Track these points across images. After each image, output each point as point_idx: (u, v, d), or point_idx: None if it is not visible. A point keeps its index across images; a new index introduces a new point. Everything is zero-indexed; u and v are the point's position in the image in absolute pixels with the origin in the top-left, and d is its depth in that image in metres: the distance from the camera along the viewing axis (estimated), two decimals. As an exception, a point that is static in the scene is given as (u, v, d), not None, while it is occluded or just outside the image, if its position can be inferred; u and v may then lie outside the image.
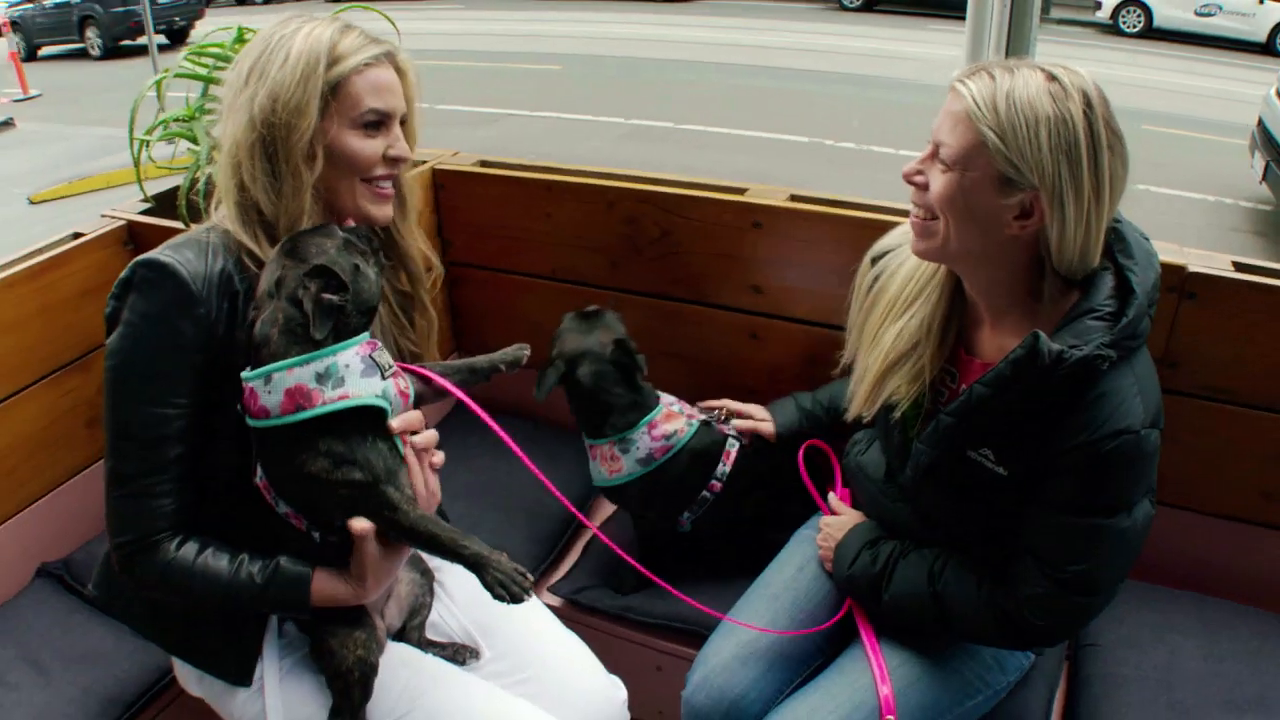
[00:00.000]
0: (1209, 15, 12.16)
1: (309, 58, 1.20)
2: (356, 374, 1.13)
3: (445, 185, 2.15)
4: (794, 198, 1.87)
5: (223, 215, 1.25)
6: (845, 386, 1.63)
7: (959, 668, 1.45)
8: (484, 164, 2.16)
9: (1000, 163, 1.15)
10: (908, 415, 1.39)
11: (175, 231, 2.11)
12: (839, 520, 1.59)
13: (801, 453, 1.72)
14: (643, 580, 1.80)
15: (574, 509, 1.40)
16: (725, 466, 1.73)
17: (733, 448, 1.75)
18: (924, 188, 1.24)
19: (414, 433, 1.19)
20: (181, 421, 1.17)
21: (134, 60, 13.24)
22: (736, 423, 1.80)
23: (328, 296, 1.12)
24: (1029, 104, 1.14)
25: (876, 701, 1.38)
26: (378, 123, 1.25)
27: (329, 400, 1.11)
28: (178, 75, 1.99)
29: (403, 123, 1.29)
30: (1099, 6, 13.48)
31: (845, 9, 15.59)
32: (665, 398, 1.75)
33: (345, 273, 1.14)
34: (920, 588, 1.40)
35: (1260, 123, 5.67)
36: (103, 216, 2.08)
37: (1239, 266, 1.65)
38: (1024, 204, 1.17)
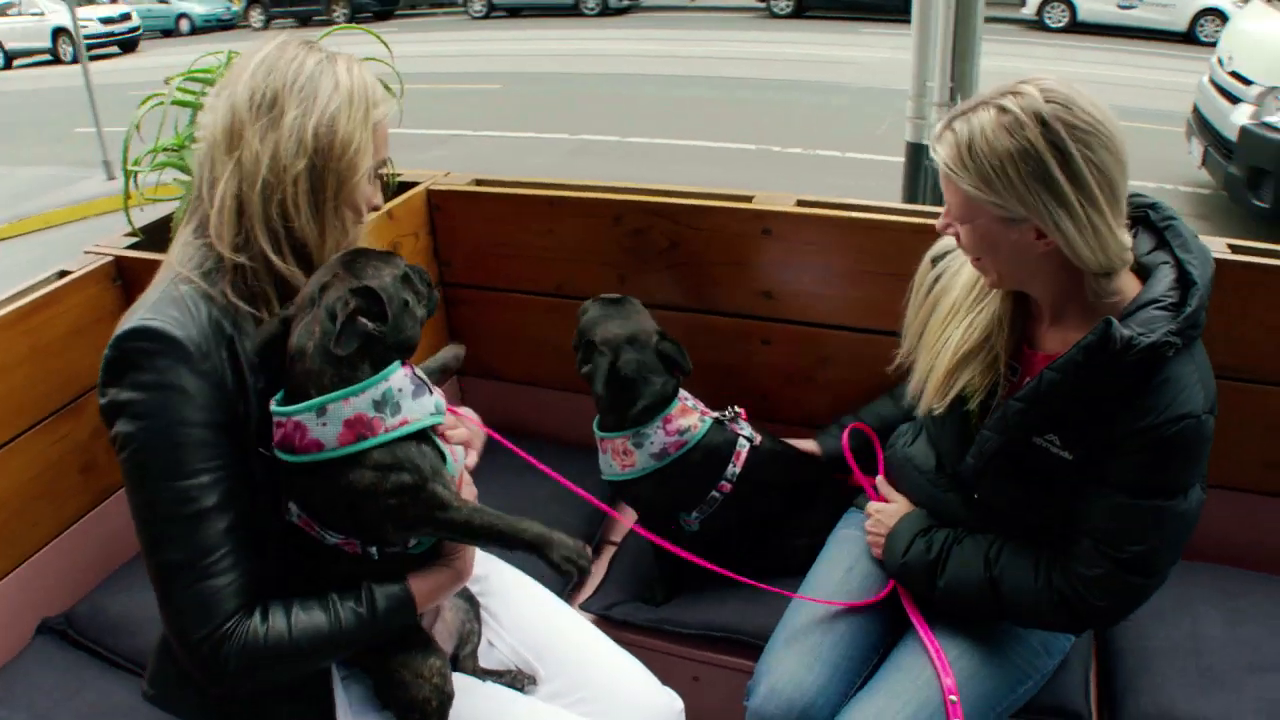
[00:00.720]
0: (1131, 7, 12.63)
1: (363, 95, 1.18)
2: (409, 396, 1.12)
3: (441, 206, 2.13)
4: (801, 203, 1.89)
5: (183, 251, 1.18)
6: (888, 402, 1.65)
7: (1011, 656, 1.47)
8: (479, 183, 2.14)
9: (990, 208, 1.23)
10: (972, 406, 1.42)
11: (167, 263, 2.07)
12: (890, 508, 1.61)
13: (846, 435, 1.73)
14: (673, 590, 1.80)
15: (607, 508, 1.45)
16: (735, 467, 1.73)
17: (743, 448, 1.75)
18: (957, 237, 1.33)
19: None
20: (220, 488, 1.09)
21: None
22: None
23: (363, 321, 1.09)
24: (989, 149, 1.20)
25: (941, 697, 1.39)
26: (380, 172, 1.25)
27: (390, 428, 1.09)
28: (175, 103, 1.93)
29: None
30: (1024, 3, 13.91)
31: (776, 16, 15.84)
32: (681, 393, 1.75)
33: (391, 303, 1.11)
34: (977, 574, 1.42)
35: (1196, 109, 5.89)
36: (86, 253, 2.01)
37: (1234, 248, 1.72)
38: (1035, 228, 1.24)
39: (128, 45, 16.97)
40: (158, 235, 2.08)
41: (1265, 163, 4.93)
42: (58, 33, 15.79)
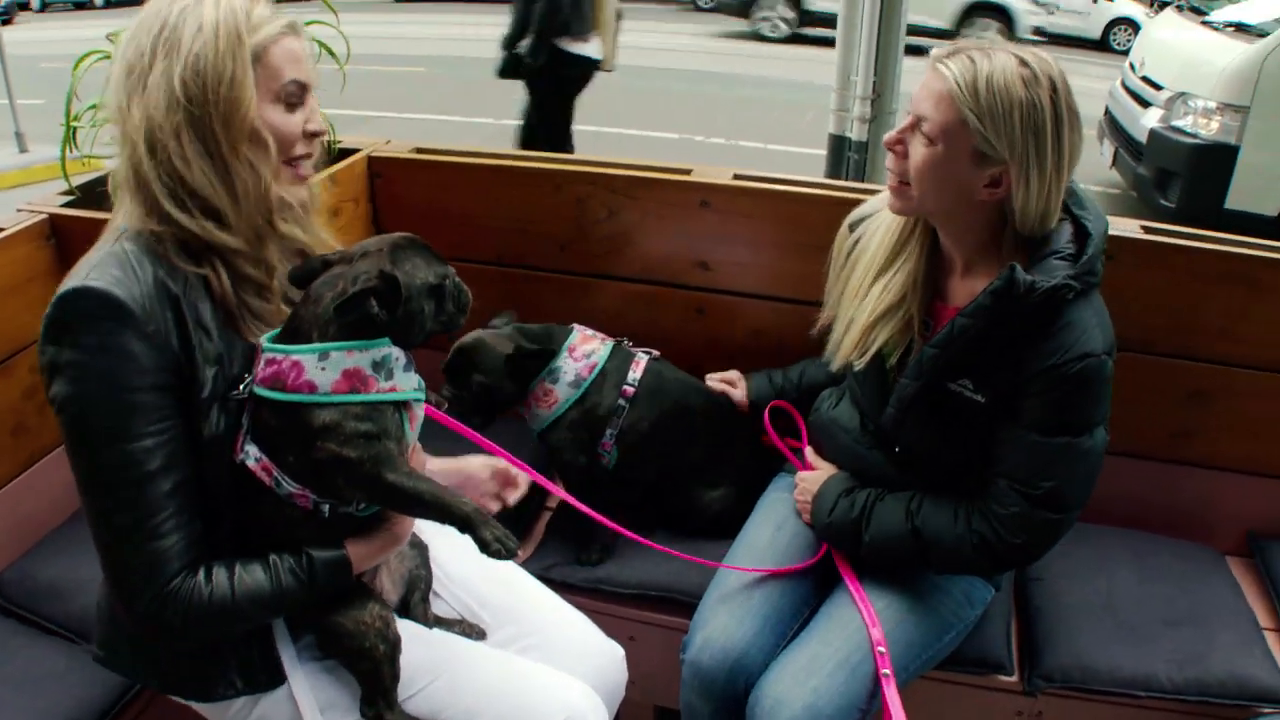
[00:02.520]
0: (1049, 15, 13.06)
1: (229, 26, 1.11)
2: (400, 367, 1.15)
3: (382, 174, 2.11)
4: (738, 176, 1.94)
5: (124, 215, 1.15)
6: (814, 363, 1.71)
7: (935, 606, 1.55)
8: (420, 151, 2.13)
9: (978, 140, 1.30)
10: (892, 362, 1.50)
11: (101, 224, 1.97)
12: (814, 475, 1.67)
13: (767, 414, 1.80)
14: (608, 551, 1.83)
15: (537, 475, 1.50)
16: (635, 373, 1.80)
17: (642, 358, 1.82)
18: (904, 155, 1.37)
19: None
20: (165, 450, 1.08)
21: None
22: (711, 379, 1.90)
23: (373, 302, 1.11)
24: (1005, 89, 1.28)
25: (870, 645, 1.45)
26: (298, 96, 1.18)
27: (382, 390, 1.12)
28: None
29: None
30: (944, 10, 14.25)
31: (700, 9, 15.92)
32: (575, 326, 1.82)
33: (405, 303, 1.13)
34: (899, 526, 1.49)
35: (1107, 112, 6.16)
36: (19, 211, 1.94)
37: (1146, 229, 1.83)
38: (995, 175, 1.32)
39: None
40: (93, 194, 2.01)
41: (1172, 164, 5.17)
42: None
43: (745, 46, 12.62)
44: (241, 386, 1.14)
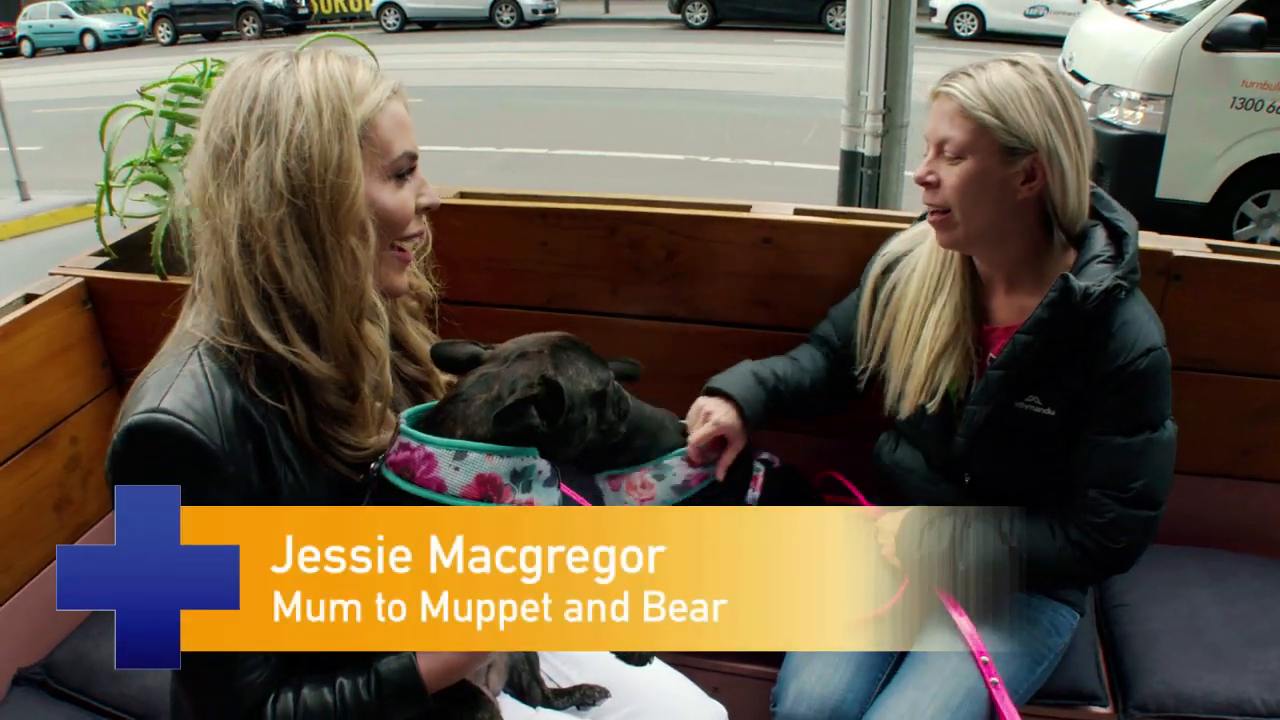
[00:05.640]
0: (1037, 16, 13.19)
1: (332, 98, 0.98)
2: (543, 481, 1.08)
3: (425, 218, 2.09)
4: (799, 211, 1.91)
5: (201, 321, 1.03)
6: (793, 363, 1.70)
7: (1026, 639, 1.53)
8: (464, 195, 2.10)
9: (1002, 137, 1.35)
10: (950, 391, 1.50)
11: (141, 287, 1.96)
12: (886, 519, 1.63)
13: (818, 481, 1.78)
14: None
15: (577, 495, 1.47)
16: (755, 492, 1.70)
17: (759, 472, 1.73)
18: (936, 186, 1.40)
19: None
20: None
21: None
22: (699, 433, 1.61)
23: (534, 411, 1.05)
24: (1007, 84, 1.35)
25: (971, 683, 1.43)
26: (410, 169, 1.08)
27: (517, 502, 1.05)
28: (143, 113, 1.84)
29: None
30: (934, 13, 14.35)
31: (691, 28, 16.02)
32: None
33: (567, 411, 1.07)
34: (996, 548, 1.47)
35: None
36: (52, 275, 1.91)
37: (1214, 248, 1.81)
38: (1027, 168, 1.37)
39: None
40: (131, 254, 1.99)
41: (1101, 157, 5.21)
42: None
43: (743, 63, 12.67)
44: (374, 465, 1.09)
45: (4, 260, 1.84)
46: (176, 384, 0.98)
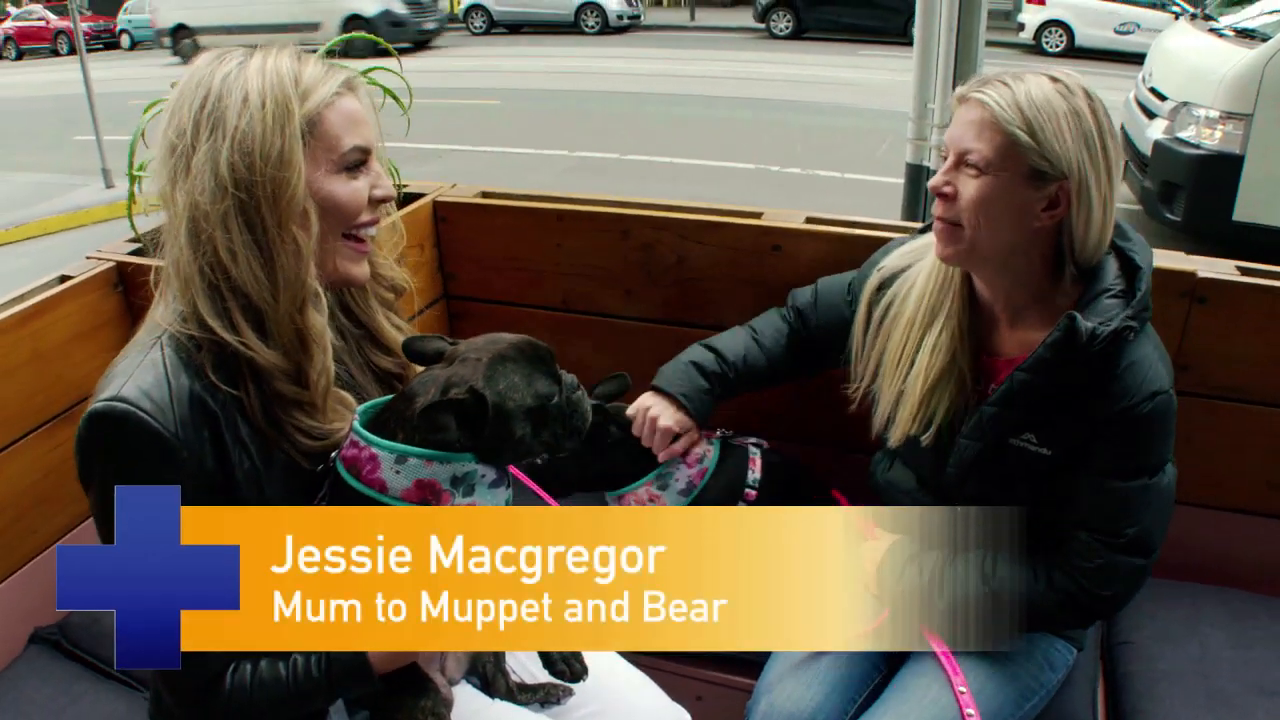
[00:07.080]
0: (1128, 33, 12.75)
1: (277, 94, 1.02)
2: (487, 484, 1.09)
3: (447, 218, 2.13)
4: (810, 220, 1.89)
5: (166, 311, 1.07)
6: (750, 342, 1.65)
7: (1016, 672, 1.47)
8: (486, 195, 2.14)
9: (1033, 158, 1.26)
10: (943, 421, 1.44)
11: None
12: (869, 546, 1.59)
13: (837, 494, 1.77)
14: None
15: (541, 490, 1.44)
16: (755, 473, 1.70)
17: (756, 454, 1.74)
18: (952, 198, 1.32)
19: None
20: None
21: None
22: (656, 446, 1.63)
23: (451, 421, 1.05)
24: (1047, 102, 1.26)
25: (951, 715, 1.39)
26: (360, 162, 1.10)
27: (458, 505, 1.07)
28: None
29: None
30: (1022, 27, 14.01)
31: (775, 37, 15.95)
32: None
33: (497, 423, 1.06)
34: (976, 588, 1.41)
35: (1120, 126, 6.00)
36: (88, 258, 2.01)
37: (1243, 270, 1.72)
38: (1052, 195, 1.29)
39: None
40: (157, 241, 2.07)
41: (1176, 177, 5.01)
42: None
43: (824, 74, 12.56)
44: (333, 455, 1.12)
45: (86, 244, 1.96)
46: (137, 373, 1.04)
